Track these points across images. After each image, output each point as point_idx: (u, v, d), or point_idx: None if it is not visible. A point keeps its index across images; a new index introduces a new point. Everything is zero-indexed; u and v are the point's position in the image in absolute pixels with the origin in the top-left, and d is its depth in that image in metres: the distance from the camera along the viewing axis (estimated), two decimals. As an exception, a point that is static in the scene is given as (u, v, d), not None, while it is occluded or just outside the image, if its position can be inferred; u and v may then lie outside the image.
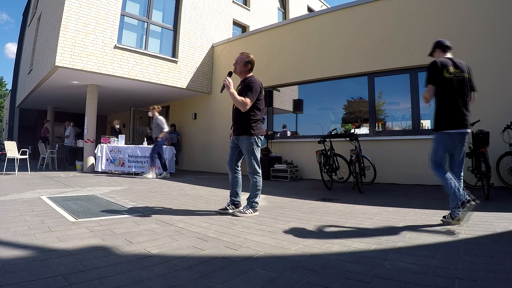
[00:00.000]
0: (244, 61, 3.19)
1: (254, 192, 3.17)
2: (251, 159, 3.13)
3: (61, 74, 7.61)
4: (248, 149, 3.12)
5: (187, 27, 9.35)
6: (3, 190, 4.54)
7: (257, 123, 3.17)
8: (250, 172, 3.17)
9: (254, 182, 3.16)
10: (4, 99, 32.26)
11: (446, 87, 2.64)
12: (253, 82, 3.13)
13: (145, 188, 5.27)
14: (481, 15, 5.48)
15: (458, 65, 2.70)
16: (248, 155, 3.14)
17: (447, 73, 2.65)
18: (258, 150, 3.17)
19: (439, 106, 2.70)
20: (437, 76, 2.66)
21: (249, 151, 3.12)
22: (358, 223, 2.78)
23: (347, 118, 7.37)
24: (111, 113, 15.84)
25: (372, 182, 5.75)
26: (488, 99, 5.33)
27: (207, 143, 9.93)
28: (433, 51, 2.95)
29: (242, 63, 3.19)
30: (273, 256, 1.89)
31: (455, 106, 2.63)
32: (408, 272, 1.60)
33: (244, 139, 3.14)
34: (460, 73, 2.68)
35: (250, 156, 3.13)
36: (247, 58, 3.20)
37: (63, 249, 1.95)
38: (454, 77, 2.65)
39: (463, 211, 2.44)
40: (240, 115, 3.15)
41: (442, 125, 2.69)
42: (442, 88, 2.66)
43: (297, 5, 14.87)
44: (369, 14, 6.78)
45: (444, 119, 2.68)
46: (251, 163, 3.13)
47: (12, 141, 8.79)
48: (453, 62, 2.71)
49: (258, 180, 3.16)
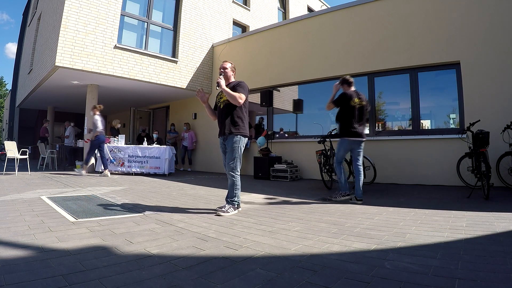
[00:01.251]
0: (232, 66, 3.48)
1: (233, 191, 3.24)
2: (235, 158, 3.20)
3: (61, 74, 7.61)
4: (232, 147, 3.20)
5: (187, 27, 9.35)
6: (3, 190, 4.54)
7: (244, 123, 3.27)
8: (230, 171, 3.22)
9: (233, 181, 3.23)
10: (4, 99, 32.27)
11: (350, 111, 3.95)
12: (243, 82, 3.36)
13: (145, 188, 5.27)
14: (481, 15, 5.48)
15: (360, 96, 4.04)
16: (232, 153, 3.21)
17: (353, 102, 3.95)
18: (241, 150, 3.25)
19: (344, 122, 3.98)
20: (344, 103, 3.98)
21: (233, 149, 3.20)
22: (358, 223, 2.78)
23: (347, 118, 7.36)
24: (111, 113, 15.84)
25: (372, 182, 5.74)
26: (488, 99, 5.34)
27: (207, 143, 9.93)
28: (342, 85, 4.14)
29: (231, 68, 3.44)
30: (273, 256, 1.89)
31: (353, 123, 3.94)
32: (408, 272, 1.60)
33: (230, 138, 3.23)
34: (360, 102, 4.00)
35: (234, 154, 3.20)
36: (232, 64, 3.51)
37: (63, 249, 1.95)
38: (357, 105, 3.96)
39: (339, 198, 4.01)
40: (227, 114, 3.26)
41: (345, 134, 3.96)
42: (347, 112, 3.96)
43: (297, 5, 14.87)
44: (369, 14, 6.78)
45: (346, 131, 3.95)
46: (231, 161, 3.21)
47: (12, 141, 8.78)
48: (357, 94, 4.05)
49: (237, 179, 3.24)
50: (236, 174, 3.24)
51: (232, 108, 3.25)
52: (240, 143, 3.23)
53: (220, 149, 3.42)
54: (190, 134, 10.16)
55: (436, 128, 6.12)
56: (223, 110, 3.30)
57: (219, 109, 3.36)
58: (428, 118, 6.29)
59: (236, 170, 3.23)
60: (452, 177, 5.38)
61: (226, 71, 3.40)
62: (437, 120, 6.26)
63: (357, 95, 4.00)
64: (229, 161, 3.23)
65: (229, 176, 3.25)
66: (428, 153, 5.84)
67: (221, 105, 3.32)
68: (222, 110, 3.31)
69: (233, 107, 3.25)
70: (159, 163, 7.84)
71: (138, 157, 7.89)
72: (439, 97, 6.22)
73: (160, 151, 7.87)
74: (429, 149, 5.86)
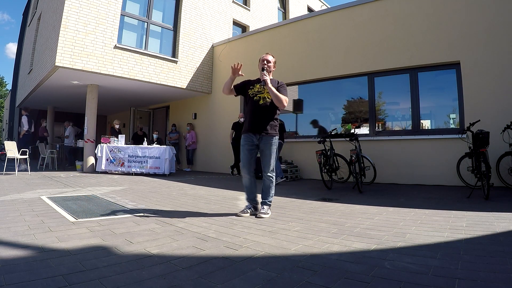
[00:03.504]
0: (275, 60, 3.26)
1: (271, 192, 3.19)
2: (273, 160, 3.14)
3: (61, 74, 7.61)
4: (272, 150, 3.11)
5: (187, 27, 9.35)
6: (3, 190, 4.54)
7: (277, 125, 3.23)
8: (269, 172, 3.13)
9: (271, 181, 3.17)
10: (4, 99, 32.26)
11: None
12: (284, 83, 3.22)
13: (145, 188, 5.27)
14: (481, 15, 5.48)
15: None
16: (270, 155, 3.11)
17: None
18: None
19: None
20: None
21: (272, 151, 3.12)
22: (358, 223, 2.78)
23: (347, 118, 7.37)
24: (111, 113, 15.84)
25: (372, 182, 5.74)
26: (488, 99, 5.34)
27: (207, 143, 9.93)
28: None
29: (273, 63, 3.23)
30: (273, 256, 1.89)
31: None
32: (408, 272, 1.60)
33: (269, 139, 3.10)
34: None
35: (273, 156, 3.13)
36: (275, 58, 3.28)
37: (63, 249, 1.95)
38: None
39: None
40: (268, 113, 3.12)
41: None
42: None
43: (297, 5, 14.87)
44: (369, 14, 6.78)
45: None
46: (271, 163, 3.13)
47: (12, 141, 8.78)
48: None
49: (273, 180, 3.19)
50: (273, 175, 3.17)
51: (274, 108, 3.13)
52: (277, 145, 3.18)
53: (245, 146, 3.14)
54: (191, 134, 10.18)
55: (436, 128, 6.12)
56: (262, 108, 3.11)
57: (256, 104, 3.13)
58: (428, 118, 6.29)
59: (273, 171, 3.17)
60: (452, 177, 5.38)
61: (269, 65, 3.15)
62: (437, 120, 6.26)
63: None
64: (267, 163, 3.11)
65: (267, 178, 3.14)
66: (428, 153, 5.85)
67: (260, 100, 3.11)
68: (261, 107, 3.11)
69: (275, 107, 3.12)
70: (159, 163, 7.84)
71: (138, 157, 7.89)
72: (439, 97, 6.22)
73: (160, 151, 7.87)
74: (429, 149, 5.86)
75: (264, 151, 3.12)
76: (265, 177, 3.16)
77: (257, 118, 3.11)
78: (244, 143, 3.15)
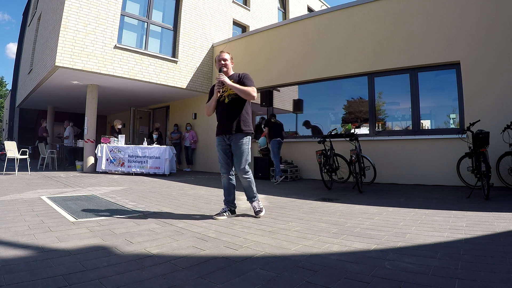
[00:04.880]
0: (231, 56, 3.18)
1: (253, 190, 3.09)
2: (246, 160, 3.01)
3: (61, 74, 7.61)
4: (243, 149, 2.97)
5: (187, 27, 9.35)
6: (3, 190, 4.54)
7: (251, 120, 3.10)
8: (243, 173, 3.02)
9: (249, 182, 3.06)
10: (4, 99, 32.25)
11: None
12: (247, 74, 3.12)
13: (145, 188, 5.27)
14: (481, 15, 5.47)
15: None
16: (242, 155, 2.97)
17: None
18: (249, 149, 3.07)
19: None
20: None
21: (243, 151, 2.97)
22: (358, 223, 2.78)
23: (347, 118, 7.37)
24: (111, 113, 15.84)
25: (372, 182, 5.74)
26: (488, 99, 5.34)
27: (207, 143, 9.93)
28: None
29: (230, 59, 3.15)
30: (273, 256, 1.89)
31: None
32: (408, 272, 1.60)
33: (238, 137, 2.97)
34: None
35: (245, 156, 2.98)
36: (230, 54, 3.21)
37: (63, 249, 1.95)
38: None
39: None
40: (234, 110, 2.98)
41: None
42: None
43: (297, 5, 14.87)
44: (369, 14, 6.78)
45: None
46: (241, 163, 2.98)
47: (12, 141, 8.78)
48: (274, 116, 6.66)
49: (251, 177, 3.07)
50: (249, 174, 3.05)
51: (242, 103, 2.99)
52: (249, 143, 3.03)
53: (219, 147, 3.08)
54: (191, 133, 10.18)
55: (436, 128, 6.12)
56: (228, 106, 2.98)
57: (222, 104, 3.02)
58: (428, 118, 6.29)
59: (248, 171, 3.04)
60: (452, 177, 5.38)
61: (226, 63, 3.08)
62: (437, 120, 6.27)
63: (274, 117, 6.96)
64: (239, 164, 2.98)
65: (243, 179, 3.04)
66: (428, 153, 5.84)
67: (225, 99, 3.00)
68: (227, 106, 2.99)
69: (242, 102, 2.99)
70: (159, 163, 7.84)
71: (138, 157, 7.89)
72: (439, 97, 6.22)
73: (160, 151, 7.87)
74: (429, 149, 5.86)
75: (234, 150, 3.01)
76: (240, 178, 3.07)
77: (224, 118, 3.02)
78: (218, 144, 3.10)
